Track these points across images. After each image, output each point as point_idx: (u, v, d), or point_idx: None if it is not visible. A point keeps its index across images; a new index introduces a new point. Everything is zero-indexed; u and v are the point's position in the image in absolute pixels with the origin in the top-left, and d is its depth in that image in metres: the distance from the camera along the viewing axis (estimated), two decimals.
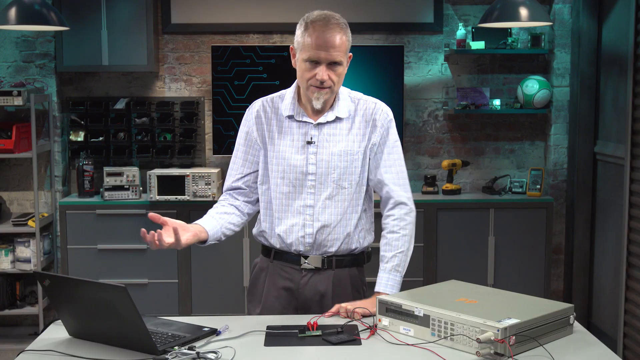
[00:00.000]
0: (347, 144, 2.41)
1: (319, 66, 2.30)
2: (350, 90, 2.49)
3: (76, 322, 2.10)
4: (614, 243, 4.41)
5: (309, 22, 2.32)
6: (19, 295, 4.68)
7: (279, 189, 2.43)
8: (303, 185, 2.41)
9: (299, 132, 2.42)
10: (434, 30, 4.88)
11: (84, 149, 4.81)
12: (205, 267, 4.60)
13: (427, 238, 4.61)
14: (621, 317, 4.18)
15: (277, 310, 2.44)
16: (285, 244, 2.44)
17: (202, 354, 1.92)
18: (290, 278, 2.46)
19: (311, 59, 2.30)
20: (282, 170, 2.42)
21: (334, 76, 2.32)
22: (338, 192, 2.41)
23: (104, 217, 4.58)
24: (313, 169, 2.40)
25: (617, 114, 4.38)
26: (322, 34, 2.28)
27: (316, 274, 2.45)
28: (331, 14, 2.33)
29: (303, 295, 2.45)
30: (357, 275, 2.50)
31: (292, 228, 2.42)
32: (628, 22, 4.11)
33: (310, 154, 2.40)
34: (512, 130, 5.00)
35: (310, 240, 2.42)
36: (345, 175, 2.41)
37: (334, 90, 2.35)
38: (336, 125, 2.41)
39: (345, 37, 2.32)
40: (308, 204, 2.41)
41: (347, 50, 2.34)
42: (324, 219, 2.41)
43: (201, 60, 4.89)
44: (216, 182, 4.58)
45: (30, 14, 3.85)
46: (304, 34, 2.31)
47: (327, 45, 2.28)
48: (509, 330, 1.89)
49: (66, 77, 4.86)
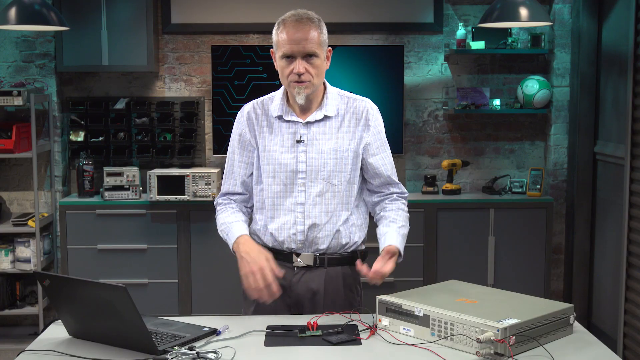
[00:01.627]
0: (337, 141, 2.44)
1: (295, 60, 2.34)
2: (339, 90, 2.53)
3: (76, 322, 2.10)
4: (614, 243, 4.41)
5: (280, 21, 2.38)
6: (19, 295, 4.68)
7: (270, 187, 2.46)
8: (294, 183, 2.44)
9: (288, 132, 2.45)
10: (434, 30, 4.88)
11: (84, 149, 4.81)
12: (205, 267, 4.60)
13: (427, 238, 4.61)
14: (621, 317, 4.18)
15: (270, 308, 2.44)
16: (277, 241, 2.47)
17: (202, 354, 1.92)
18: (283, 276, 2.46)
19: (286, 54, 2.34)
20: (273, 169, 2.45)
21: (311, 69, 2.35)
22: (328, 189, 2.44)
23: (104, 217, 4.58)
24: (303, 167, 2.43)
25: (617, 114, 4.38)
26: (293, 29, 2.33)
27: (308, 271, 2.47)
28: (304, 11, 2.38)
29: (295, 293, 2.47)
30: (350, 274, 2.51)
31: (283, 226, 2.45)
32: (628, 22, 4.11)
33: (300, 153, 2.43)
34: (512, 130, 5.00)
35: (302, 237, 2.44)
36: (335, 173, 2.44)
37: (314, 83, 2.38)
38: (325, 123, 2.45)
39: (317, 31, 2.35)
40: (299, 202, 2.44)
41: (321, 43, 2.36)
42: (315, 215, 2.43)
43: (201, 60, 4.89)
44: (216, 182, 4.58)
45: (30, 14, 3.84)
46: (277, 32, 2.37)
47: (299, 38, 2.32)
48: (509, 330, 1.89)
49: (66, 77, 4.86)
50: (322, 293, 2.46)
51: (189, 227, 4.58)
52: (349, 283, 2.51)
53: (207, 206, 4.57)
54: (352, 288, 2.52)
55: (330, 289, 2.47)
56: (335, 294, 2.47)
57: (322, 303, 2.43)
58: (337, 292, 2.47)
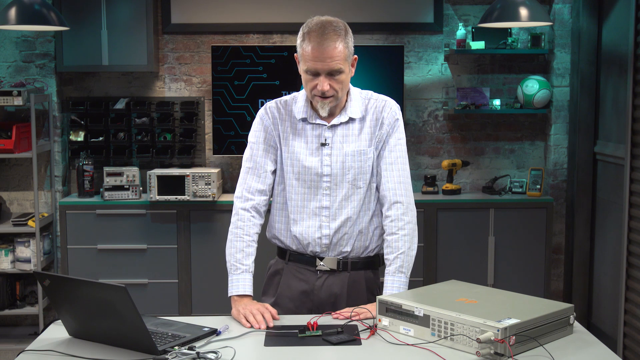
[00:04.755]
0: (360, 143, 2.41)
1: (319, 77, 2.30)
2: (361, 90, 2.49)
3: (76, 322, 2.10)
4: (614, 243, 4.41)
5: (305, 32, 2.30)
6: (19, 295, 4.68)
7: (294, 190, 2.44)
8: (318, 187, 2.42)
9: (312, 134, 2.42)
10: (434, 30, 4.88)
11: (84, 149, 4.81)
12: (205, 267, 4.60)
13: (427, 238, 4.61)
14: (621, 317, 4.18)
15: (291, 311, 2.45)
16: (301, 245, 2.45)
17: (202, 354, 1.92)
18: (305, 280, 2.47)
19: (310, 70, 2.30)
20: (297, 172, 2.42)
21: (335, 84, 2.31)
22: (354, 192, 2.42)
23: (104, 217, 4.58)
24: (328, 170, 2.41)
25: (617, 114, 4.38)
26: (317, 45, 2.26)
27: (331, 275, 2.46)
28: (328, 21, 2.30)
29: (318, 297, 2.46)
30: (372, 278, 2.51)
31: (308, 230, 2.43)
32: (628, 22, 4.11)
33: (325, 156, 2.41)
34: (512, 130, 5.00)
35: (327, 241, 2.43)
36: (360, 175, 2.42)
37: (338, 97, 2.35)
38: (349, 125, 2.42)
39: (343, 44, 2.28)
40: (324, 205, 2.42)
41: (347, 56, 2.31)
42: (340, 219, 2.42)
43: (201, 60, 4.89)
44: (216, 182, 4.58)
45: (30, 14, 3.84)
46: (302, 44, 2.31)
47: (323, 56, 2.26)
48: (509, 330, 1.89)
49: (66, 77, 4.86)
50: (344, 297, 2.45)
51: (189, 227, 4.58)
52: (371, 286, 2.50)
53: (207, 206, 4.57)
54: (373, 291, 2.51)
55: (353, 293, 2.46)
56: (357, 297, 2.46)
57: (343, 307, 2.41)
58: (359, 296, 2.46)
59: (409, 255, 2.39)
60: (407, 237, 2.39)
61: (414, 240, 2.41)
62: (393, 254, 2.38)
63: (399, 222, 2.39)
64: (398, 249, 2.38)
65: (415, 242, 2.41)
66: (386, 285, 2.37)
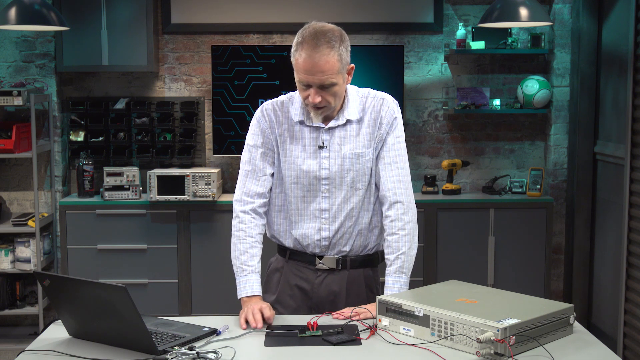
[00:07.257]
0: (358, 145, 2.39)
1: (311, 88, 2.27)
2: (358, 89, 2.45)
3: (76, 322, 2.10)
4: (614, 243, 4.41)
5: (299, 41, 2.27)
6: (19, 295, 4.68)
7: (293, 193, 2.43)
8: (317, 190, 2.41)
9: (310, 137, 2.40)
10: (434, 30, 4.88)
11: (84, 149, 4.81)
12: (205, 267, 4.60)
13: (427, 238, 4.61)
14: (621, 317, 4.18)
15: (292, 308, 2.46)
16: (301, 245, 2.46)
17: (202, 354, 1.92)
18: (305, 278, 2.47)
19: (302, 82, 2.28)
20: (296, 175, 2.41)
21: (327, 96, 2.28)
22: (353, 194, 2.41)
23: (104, 217, 4.58)
24: (326, 173, 2.40)
25: (617, 114, 4.38)
26: (309, 58, 2.23)
27: (331, 274, 2.46)
28: (322, 31, 2.25)
29: (317, 295, 2.46)
30: (371, 276, 2.51)
31: (308, 232, 2.43)
32: (628, 22, 4.11)
33: (323, 159, 2.39)
34: (512, 130, 5.00)
35: (326, 242, 2.43)
36: (359, 177, 2.40)
37: (331, 107, 2.33)
38: (346, 127, 2.40)
39: (336, 56, 2.24)
40: (323, 208, 2.41)
41: (340, 68, 2.26)
42: (340, 221, 2.41)
43: (201, 60, 4.89)
44: (216, 182, 4.58)
45: (30, 14, 3.84)
46: (295, 53, 2.28)
47: (314, 69, 2.23)
48: (509, 330, 1.89)
49: (66, 77, 4.86)
50: (343, 295, 2.45)
51: (189, 227, 4.58)
52: (370, 284, 2.50)
53: (207, 206, 4.57)
54: (372, 289, 2.51)
55: (352, 291, 2.46)
56: (356, 295, 2.46)
57: (343, 305, 2.42)
58: (359, 294, 2.47)
59: (409, 255, 2.38)
60: (408, 237, 2.38)
61: (415, 239, 2.40)
62: (394, 254, 2.37)
63: (399, 222, 2.38)
64: (398, 249, 2.37)
65: (416, 241, 2.41)
66: (387, 286, 2.37)
